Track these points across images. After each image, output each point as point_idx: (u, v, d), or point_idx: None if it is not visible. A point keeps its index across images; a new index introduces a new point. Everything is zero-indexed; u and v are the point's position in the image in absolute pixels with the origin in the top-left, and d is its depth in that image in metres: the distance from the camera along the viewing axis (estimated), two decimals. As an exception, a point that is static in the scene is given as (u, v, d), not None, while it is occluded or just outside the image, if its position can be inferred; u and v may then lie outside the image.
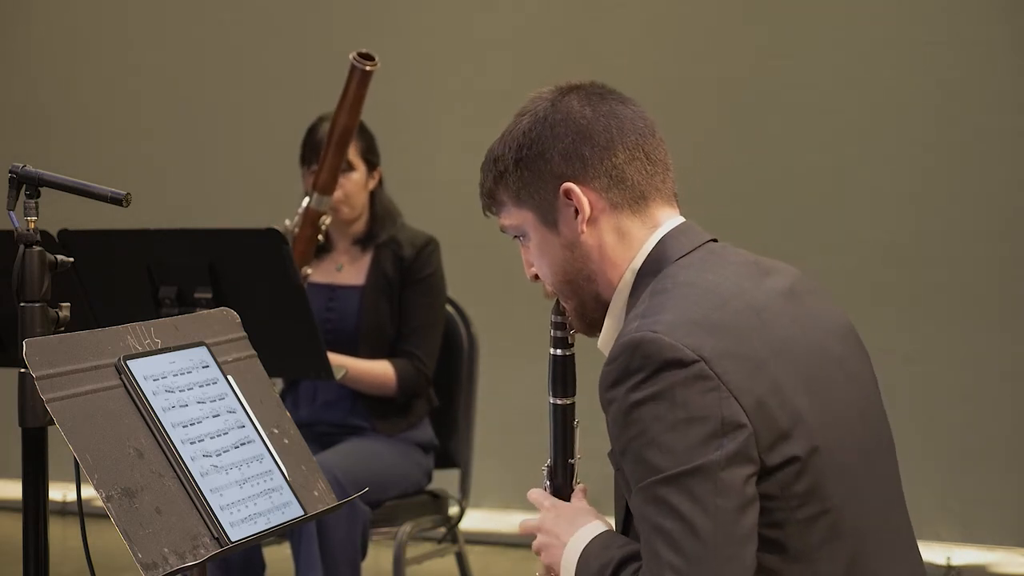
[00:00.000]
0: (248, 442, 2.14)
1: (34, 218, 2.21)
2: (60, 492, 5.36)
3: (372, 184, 3.93)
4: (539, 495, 2.09)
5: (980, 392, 4.87)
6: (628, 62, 5.15)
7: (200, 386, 2.13)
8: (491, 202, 2.05)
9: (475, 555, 4.35)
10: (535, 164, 1.99)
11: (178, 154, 5.90)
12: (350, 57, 3.48)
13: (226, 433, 2.12)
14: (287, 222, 3.64)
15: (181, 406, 2.08)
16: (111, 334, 2.07)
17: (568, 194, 1.97)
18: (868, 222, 4.99)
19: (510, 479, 5.33)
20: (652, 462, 1.78)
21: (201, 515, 2.00)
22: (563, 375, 2.07)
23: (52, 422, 1.96)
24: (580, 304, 2.03)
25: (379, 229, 3.92)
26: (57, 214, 2.93)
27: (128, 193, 2.24)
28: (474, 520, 5.01)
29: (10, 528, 3.96)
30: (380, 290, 3.88)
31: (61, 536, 5.17)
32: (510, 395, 5.16)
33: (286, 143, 4.00)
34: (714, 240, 2.01)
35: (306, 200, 3.63)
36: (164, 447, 2.01)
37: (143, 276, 3.21)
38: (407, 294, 3.90)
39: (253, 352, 2.29)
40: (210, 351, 2.19)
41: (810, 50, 5.07)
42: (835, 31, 5.04)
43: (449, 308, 4.05)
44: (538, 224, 2.01)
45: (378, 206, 3.93)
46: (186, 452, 2.03)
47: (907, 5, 4.99)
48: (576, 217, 1.98)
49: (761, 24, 5.15)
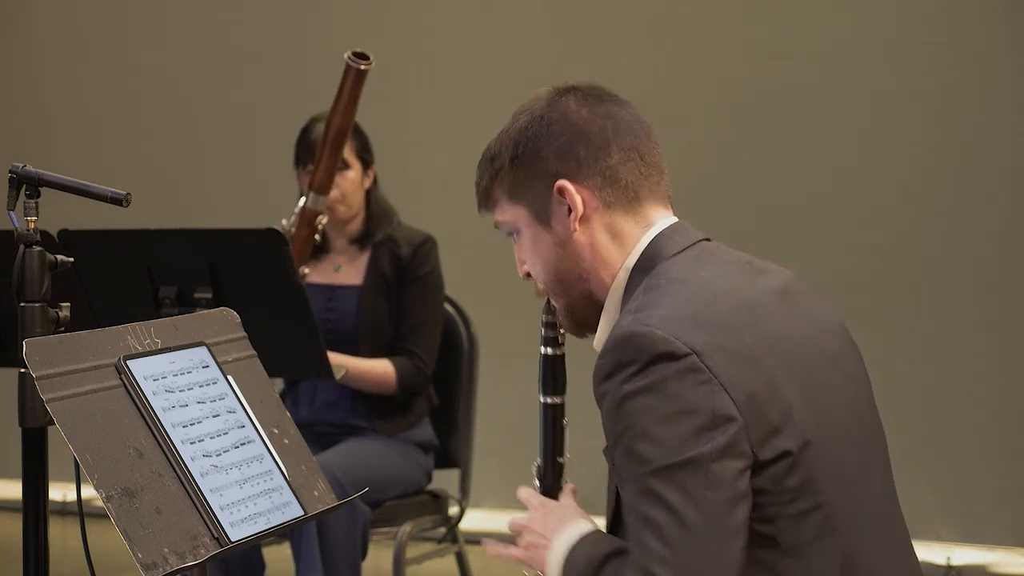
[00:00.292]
0: (248, 442, 2.14)
1: (34, 218, 2.21)
2: (60, 492, 5.36)
3: (367, 183, 3.93)
4: (528, 494, 2.11)
5: (980, 392, 4.87)
6: (628, 62, 5.15)
7: (200, 386, 2.13)
8: (486, 199, 2.06)
9: (475, 555, 4.34)
10: (530, 161, 1.99)
11: (178, 154, 5.90)
12: (345, 56, 3.49)
13: (226, 433, 2.12)
14: (284, 222, 3.64)
15: (181, 406, 2.08)
16: (111, 334, 2.07)
17: (562, 192, 1.98)
18: (868, 222, 4.99)
19: (510, 479, 5.30)
20: (643, 454, 1.79)
21: (201, 515, 2.00)
22: (553, 374, 2.08)
23: (52, 422, 1.96)
24: (570, 303, 2.04)
25: (376, 228, 3.92)
26: (57, 214, 2.93)
27: (128, 193, 2.24)
28: (474, 520, 5.00)
29: (10, 528, 3.96)
30: (378, 289, 3.88)
31: (61, 536, 5.17)
32: (510, 395, 5.15)
33: (286, 143, 3.99)
34: (707, 239, 2.01)
35: (302, 200, 3.64)
36: (164, 447, 2.01)
37: (143, 276, 3.21)
38: (405, 293, 3.89)
39: (253, 352, 2.29)
40: (210, 351, 2.19)
41: (810, 50, 5.07)
42: (835, 31, 5.04)
43: (449, 308, 4.04)
44: (531, 221, 2.02)
45: (374, 205, 3.93)
46: (186, 452, 2.03)
47: (907, 5, 4.99)
48: (569, 215, 1.98)
49: (761, 24, 5.15)
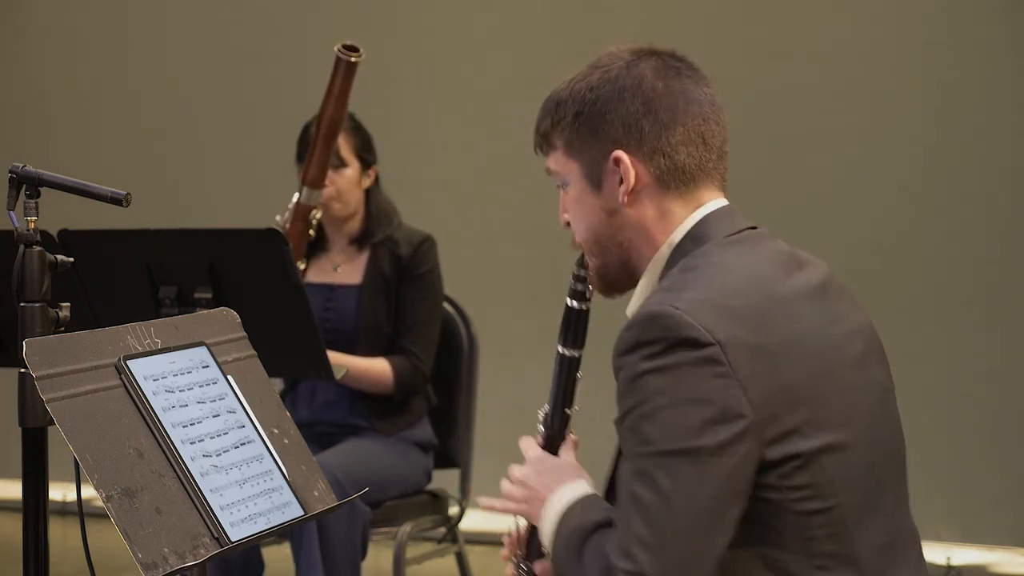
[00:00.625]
0: (248, 442, 2.14)
1: (34, 218, 2.21)
2: (60, 492, 5.36)
3: (367, 182, 3.92)
4: (528, 444, 2.10)
5: (980, 392, 4.87)
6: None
7: (200, 386, 2.13)
8: (543, 143, 2.03)
9: (475, 555, 4.34)
10: (594, 122, 1.96)
11: (178, 154, 5.90)
12: (335, 49, 3.49)
13: (226, 433, 2.12)
14: (277, 218, 3.64)
15: (181, 406, 2.07)
16: (111, 334, 2.07)
17: (618, 162, 1.95)
18: (868, 222, 4.99)
19: (510, 479, 5.32)
20: (646, 434, 1.78)
21: (201, 515, 2.00)
22: (575, 327, 2.06)
23: (52, 422, 1.96)
24: (604, 265, 2.02)
25: (375, 228, 3.92)
26: (57, 214, 2.93)
27: (128, 193, 2.24)
28: (474, 520, 4.99)
29: (10, 528, 3.96)
30: (377, 289, 3.88)
31: (61, 536, 5.17)
32: (510, 395, 5.15)
33: (286, 143, 3.99)
34: (754, 227, 1.99)
35: (296, 195, 3.63)
36: (164, 447, 2.01)
37: (143, 276, 3.21)
38: (404, 291, 3.89)
39: (253, 352, 2.29)
40: (210, 351, 2.18)
41: (810, 50, 5.07)
42: (835, 31, 5.04)
43: (449, 308, 4.04)
44: (582, 179, 1.99)
45: (374, 205, 3.93)
46: (186, 452, 2.03)
47: (907, 5, 4.99)
48: (620, 186, 1.96)
49: (761, 24, 5.15)
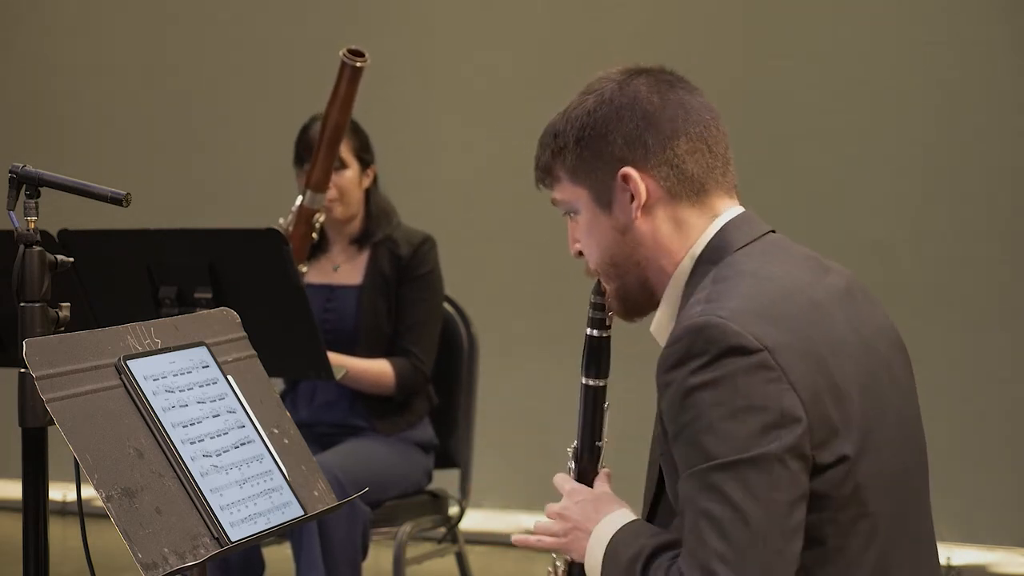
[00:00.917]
0: (248, 442, 2.14)
1: (34, 218, 2.21)
2: (60, 492, 5.36)
3: (366, 182, 3.92)
4: (562, 479, 2.06)
5: (980, 392, 4.87)
6: (628, 62, 5.14)
7: (200, 386, 2.13)
8: (545, 176, 2.02)
9: (475, 555, 4.34)
10: (596, 145, 1.96)
11: (178, 154, 5.90)
12: (340, 54, 3.49)
13: (226, 433, 2.12)
14: (281, 220, 3.64)
15: (181, 406, 2.07)
16: (111, 334, 2.06)
17: (626, 179, 1.94)
18: (868, 222, 4.99)
19: (510, 479, 5.33)
20: (708, 448, 1.76)
21: (201, 515, 2.00)
22: (598, 356, 2.04)
23: (52, 422, 1.96)
24: (623, 287, 2.00)
25: (375, 228, 3.92)
26: (57, 214, 2.93)
27: (128, 193, 2.23)
28: (474, 520, 5.00)
29: (10, 528, 3.96)
30: (377, 289, 3.88)
31: (61, 536, 5.17)
32: (510, 395, 5.16)
33: (286, 143, 3.99)
34: (773, 231, 1.98)
35: (299, 198, 3.64)
36: (164, 447, 2.01)
37: (143, 276, 3.21)
38: (404, 292, 3.89)
39: (253, 352, 2.29)
40: (210, 351, 2.18)
41: (810, 50, 5.07)
42: (835, 31, 5.04)
43: (449, 308, 4.04)
44: (592, 204, 1.98)
45: (373, 205, 3.93)
46: (186, 452, 2.03)
47: (907, 5, 4.99)
48: (632, 203, 1.95)
49: (761, 24, 5.15)
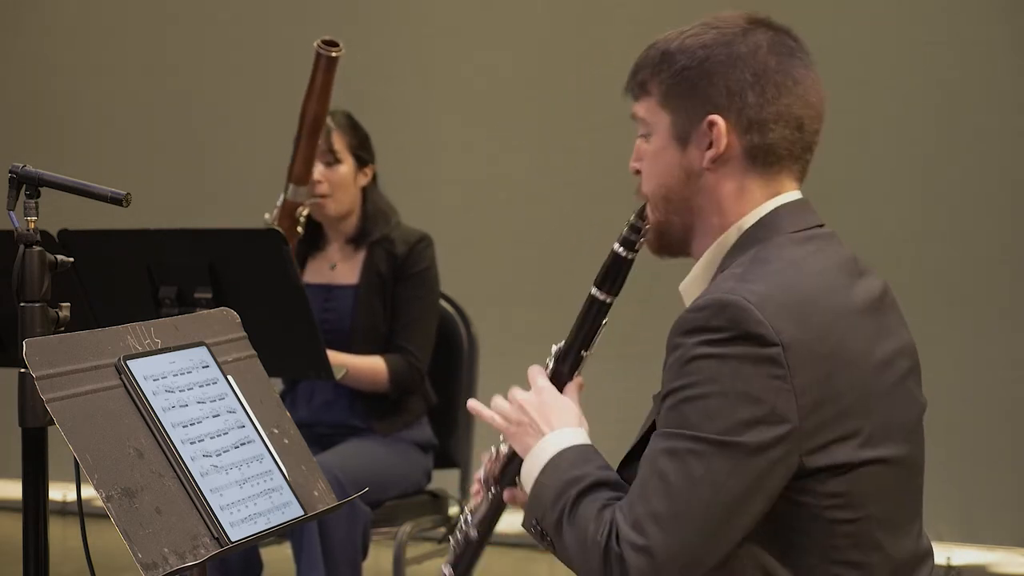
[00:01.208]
0: (248, 442, 2.14)
1: (34, 218, 2.21)
2: (60, 492, 5.36)
3: (364, 181, 3.92)
4: (536, 372, 2.06)
5: (981, 392, 4.87)
6: (628, 62, 5.14)
7: (200, 386, 2.13)
8: (638, 88, 2.00)
9: (475, 555, 4.33)
10: (699, 81, 1.94)
11: (178, 154, 5.90)
12: (315, 44, 3.48)
13: (226, 433, 2.12)
14: (267, 216, 3.64)
15: (181, 406, 2.07)
16: (111, 334, 2.06)
17: (712, 125, 1.93)
18: (867, 222, 4.99)
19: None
20: (690, 417, 1.78)
21: (201, 515, 2.00)
22: (615, 273, 2.03)
23: (52, 422, 1.96)
24: (666, 223, 1.99)
25: (372, 227, 3.91)
26: (57, 214, 2.93)
27: (128, 193, 2.24)
28: (474, 520, 4.99)
29: (10, 528, 3.96)
30: (374, 289, 3.87)
31: (61, 536, 5.17)
32: (510, 395, 5.15)
33: (287, 143, 3.98)
34: (822, 225, 1.98)
35: (282, 193, 3.63)
36: (164, 447, 2.01)
37: (143, 276, 3.21)
38: (400, 289, 3.89)
39: (253, 352, 2.29)
40: (210, 351, 2.18)
41: (810, 50, 5.06)
42: (835, 31, 5.04)
43: (449, 308, 4.04)
44: (669, 134, 1.96)
45: (371, 204, 3.92)
46: (186, 452, 2.03)
47: (907, 5, 4.99)
48: (708, 150, 1.93)
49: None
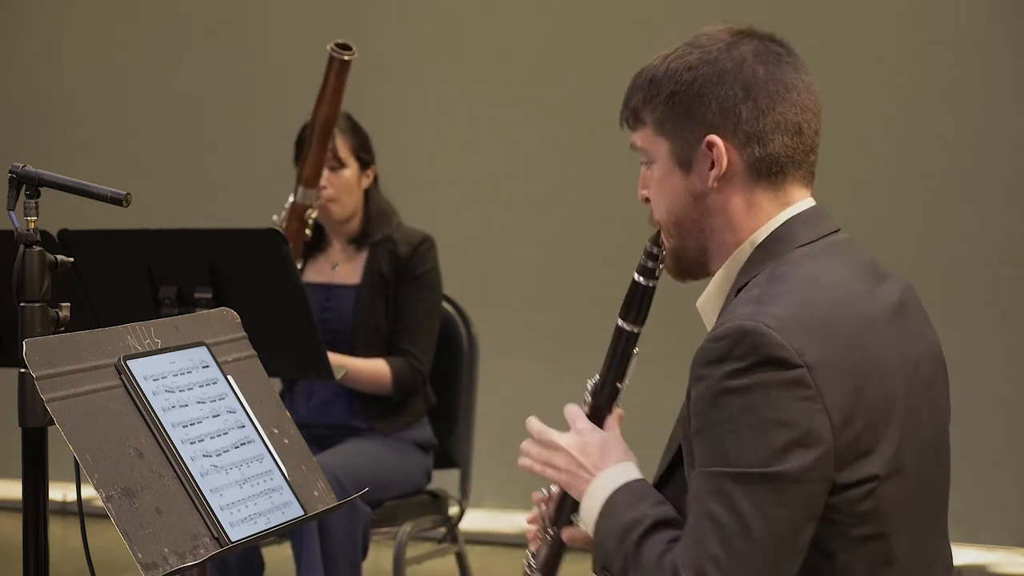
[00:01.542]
0: (248, 442, 2.14)
1: (34, 218, 2.21)
2: (60, 492, 5.35)
3: (366, 183, 3.92)
4: (574, 413, 2.05)
5: (981, 393, 4.87)
6: (628, 62, 5.14)
7: (200, 386, 2.13)
8: (632, 118, 2.00)
9: (475, 555, 4.34)
10: (689, 104, 1.93)
11: (178, 154, 5.90)
12: (328, 48, 3.48)
13: (226, 433, 2.12)
14: (274, 217, 3.64)
15: (181, 406, 2.07)
16: (111, 334, 2.06)
17: (711, 145, 1.91)
18: (868, 222, 4.98)
19: (510, 479, 5.31)
20: (728, 453, 1.76)
21: (201, 515, 2.00)
22: (639, 303, 2.02)
23: (52, 422, 1.96)
24: (681, 248, 1.98)
25: (374, 228, 3.92)
26: (57, 214, 2.93)
27: (128, 193, 2.24)
28: (474, 520, 5.00)
29: (10, 528, 3.96)
30: (376, 289, 3.88)
31: (61, 536, 5.17)
32: (510, 395, 5.15)
33: (287, 143, 3.99)
34: (837, 231, 1.97)
35: (291, 195, 3.64)
36: (164, 447, 2.01)
37: (143, 276, 3.21)
38: (402, 291, 3.89)
39: (253, 352, 2.29)
40: (210, 351, 2.18)
41: (810, 50, 5.05)
42: (835, 31, 5.04)
43: (449, 308, 4.04)
44: (670, 160, 1.95)
45: (373, 205, 3.92)
46: (186, 452, 2.03)
47: (907, 5, 4.99)
48: (711, 170, 1.92)
49: (761, 24, 5.14)
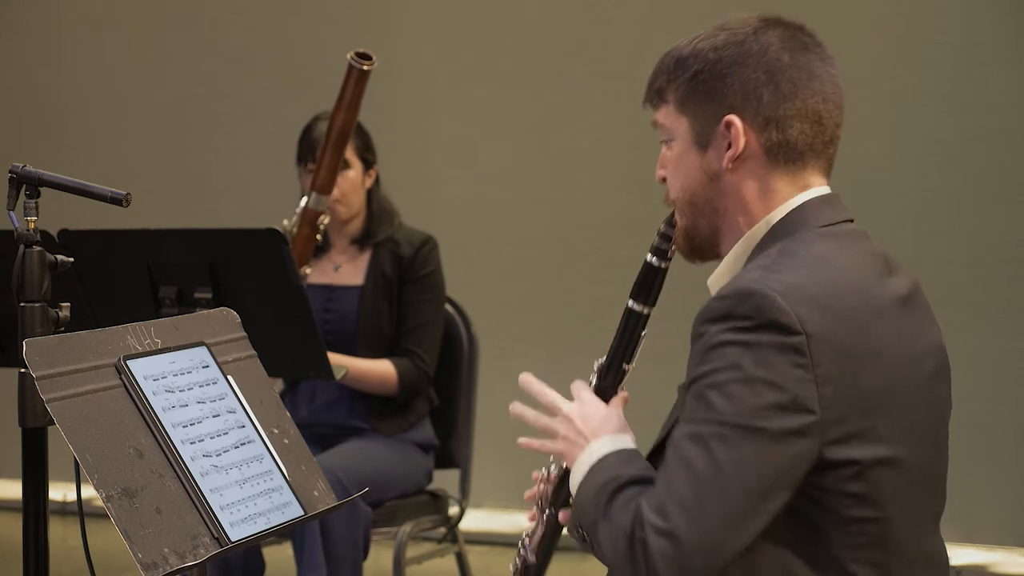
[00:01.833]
0: (248, 442, 2.14)
1: (34, 218, 2.21)
2: (60, 492, 5.36)
3: (368, 183, 3.92)
4: (579, 386, 2.09)
5: (981, 392, 4.87)
6: (628, 62, 5.14)
7: (200, 386, 2.13)
8: (655, 96, 2.01)
9: (475, 555, 4.35)
10: (712, 83, 1.94)
11: (178, 154, 5.90)
12: (348, 57, 3.49)
13: (226, 433, 2.12)
14: (285, 222, 3.64)
15: (181, 406, 2.08)
16: (111, 334, 2.07)
17: (729, 125, 1.93)
18: (868, 222, 4.94)
19: (510, 479, 5.32)
20: (713, 403, 1.78)
21: (201, 515, 2.00)
22: (650, 284, 2.04)
23: (52, 422, 1.96)
24: (694, 227, 2.00)
25: (377, 228, 3.92)
26: (57, 214, 2.93)
27: (128, 193, 2.24)
28: (474, 520, 5.00)
29: (10, 528, 3.96)
30: (379, 289, 3.88)
31: (61, 536, 5.18)
32: (510, 395, 5.14)
33: (287, 143, 4.00)
34: (851, 220, 1.99)
35: (304, 200, 3.64)
36: (164, 447, 2.01)
37: (143, 276, 3.21)
38: (406, 292, 3.89)
39: (253, 352, 2.29)
40: (210, 351, 2.18)
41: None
42: (836, 31, 5.02)
43: (449, 308, 4.04)
44: (689, 138, 1.97)
45: (375, 205, 3.93)
46: (186, 452, 2.03)
47: (908, 5, 4.99)
48: (727, 151, 1.94)
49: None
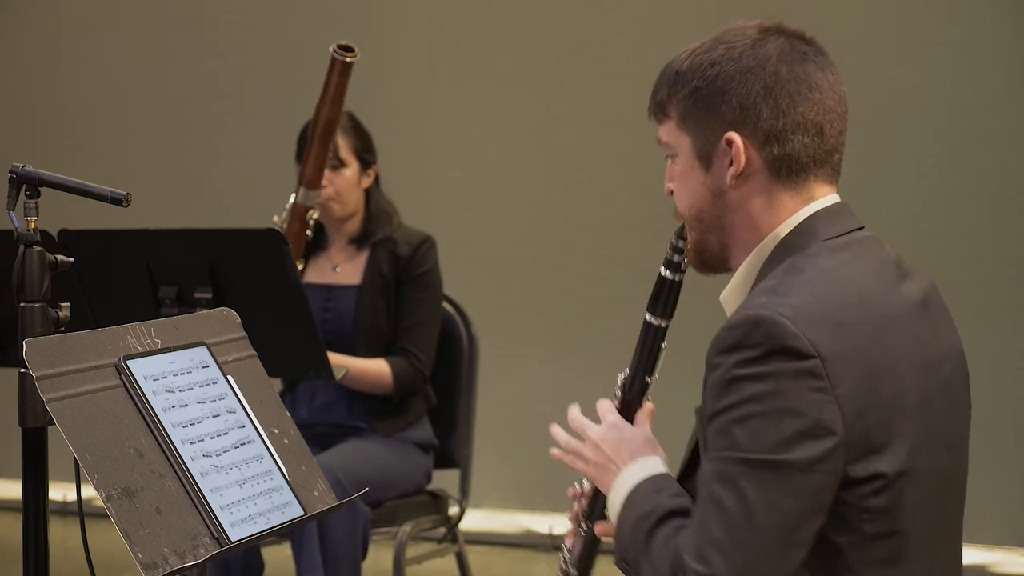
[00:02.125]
0: (248, 442, 2.14)
1: (34, 218, 2.21)
2: (60, 492, 5.36)
3: (367, 182, 3.92)
4: (606, 407, 2.07)
5: (981, 392, 4.82)
6: (628, 62, 5.15)
7: (200, 386, 2.13)
8: (658, 111, 2.00)
9: (475, 555, 4.35)
10: (711, 99, 1.93)
11: (178, 154, 5.90)
12: (330, 49, 3.48)
13: (226, 433, 2.12)
14: (275, 218, 3.64)
15: (181, 406, 2.08)
16: (111, 334, 2.07)
17: (729, 143, 1.92)
18: (868, 222, 4.96)
19: (510, 479, 5.33)
20: (737, 439, 1.77)
21: (201, 515, 2.00)
22: (666, 297, 2.04)
23: (52, 422, 1.96)
24: (703, 242, 1.99)
25: (375, 228, 3.92)
26: (57, 214, 2.93)
27: (128, 193, 2.24)
28: (474, 520, 5.00)
29: (10, 528, 3.96)
30: (377, 289, 3.88)
31: (61, 536, 5.18)
32: (510, 395, 5.16)
33: (287, 143, 4.00)
34: (861, 228, 1.97)
35: (292, 196, 3.63)
36: (164, 447, 2.01)
37: (143, 276, 3.21)
38: (403, 291, 3.89)
39: (253, 352, 2.29)
40: (210, 351, 2.19)
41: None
42: (835, 31, 5.02)
43: (449, 308, 4.04)
44: (692, 155, 1.96)
45: (374, 205, 3.93)
46: (186, 452, 2.03)
47: (908, 5, 4.99)
48: (729, 167, 1.93)
49: (761, 24, 5.14)
